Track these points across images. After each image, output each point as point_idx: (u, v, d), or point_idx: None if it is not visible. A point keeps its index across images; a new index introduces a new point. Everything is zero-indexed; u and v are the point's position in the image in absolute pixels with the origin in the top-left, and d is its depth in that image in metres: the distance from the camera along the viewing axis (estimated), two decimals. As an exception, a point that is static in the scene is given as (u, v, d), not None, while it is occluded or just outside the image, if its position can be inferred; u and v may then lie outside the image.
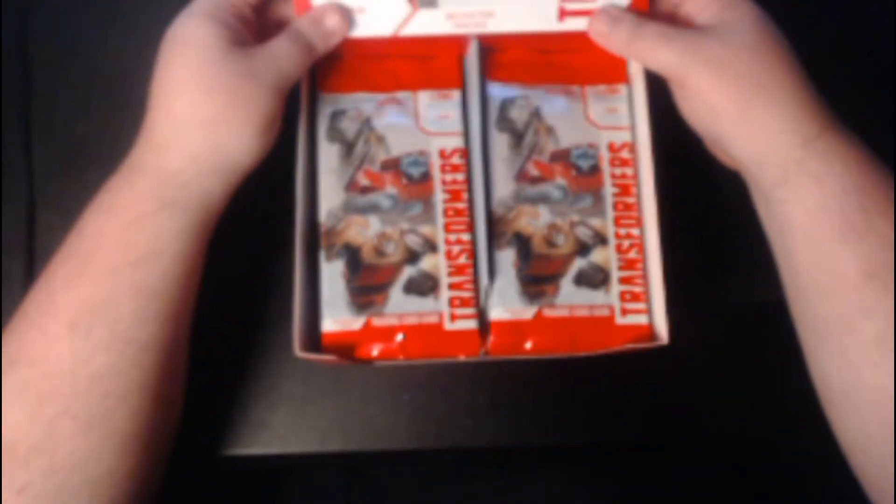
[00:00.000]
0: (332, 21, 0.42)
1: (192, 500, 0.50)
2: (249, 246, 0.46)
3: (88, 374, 0.36)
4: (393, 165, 0.43)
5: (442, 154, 0.43)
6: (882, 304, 0.35)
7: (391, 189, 0.43)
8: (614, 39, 0.42)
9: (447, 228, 0.42)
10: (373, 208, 0.43)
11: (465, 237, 0.42)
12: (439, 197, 0.43)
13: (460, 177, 0.43)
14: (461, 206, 0.43)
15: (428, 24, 0.43)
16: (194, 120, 0.38)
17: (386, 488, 0.57)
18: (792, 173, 0.37)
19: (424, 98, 0.44)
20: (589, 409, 0.47)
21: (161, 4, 0.50)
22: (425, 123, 0.44)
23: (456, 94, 0.44)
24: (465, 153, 0.43)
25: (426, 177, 0.43)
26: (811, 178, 0.37)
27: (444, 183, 0.43)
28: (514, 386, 0.46)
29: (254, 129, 0.39)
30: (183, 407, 0.42)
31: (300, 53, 0.40)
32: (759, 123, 0.38)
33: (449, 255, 0.42)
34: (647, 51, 0.41)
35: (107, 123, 0.49)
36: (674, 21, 0.42)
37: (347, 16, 0.42)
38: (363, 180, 0.43)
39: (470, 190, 0.43)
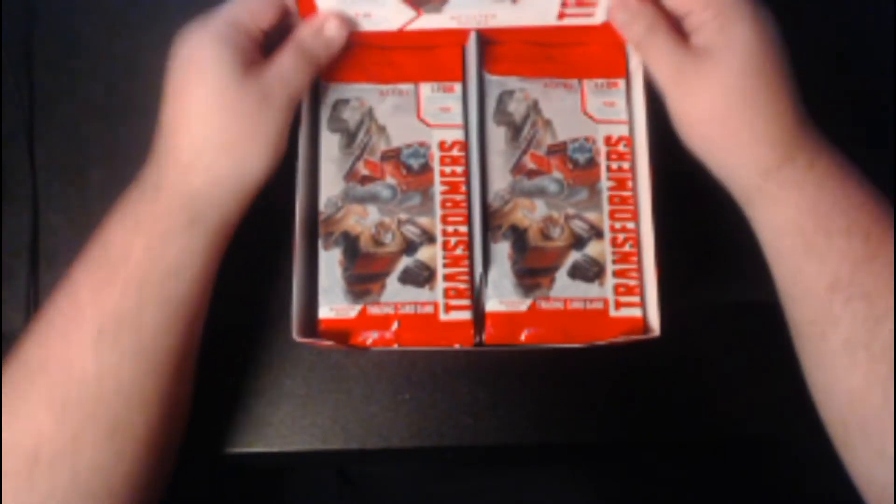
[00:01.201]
0: (332, 29, 0.42)
1: (193, 498, 0.51)
2: (251, 238, 0.46)
3: (113, 381, 0.37)
4: (393, 156, 0.44)
5: (442, 146, 0.44)
6: (847, 311, 0.37)
7: (391, 179, 0.43)
8: (629, 33, 0.43)
9: (444, 220, 0.43)
10: (372, 198, 0.43)
11: (462, 229, 0.43)
12: (438, 188, 0.43)
13: (459, 169, 0.43)
14: (459, 198, 0.43)
15: (431, 23, 0.43)
16: (217, 144, 0.39)
17: (384, 487, 0.58)
18: (754, 198, 0.40)
19: (426, 90, 0.45)
20: (589, 407, 0.47)
21: (163, 7, 0.51)
22: (426, 115, 0.44)
23: (458, 87, 0.45)
24: (465, 146, 0.44)
25: (426, 168, 0.44)
26: (770, 202, 0.39)
27: (443, 175, 0.43)
28: (513, 384, 0.47)
29: (269, 148, 0.40)
30: (191, 410, 0.43)
31: (307, 66, 0.41)
32: (724, 153, 0.40)
33: (446, 247, 0.43)
34: (648, 59, 0.42)
35: (109, 124, 0.50)
36: (680, 29, 0.42)
37: (347, 22, 0.42)
38: (363, 170, 0.43)
39: (468, 182, 0.43)
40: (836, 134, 0.51)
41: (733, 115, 0.39)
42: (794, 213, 0.38)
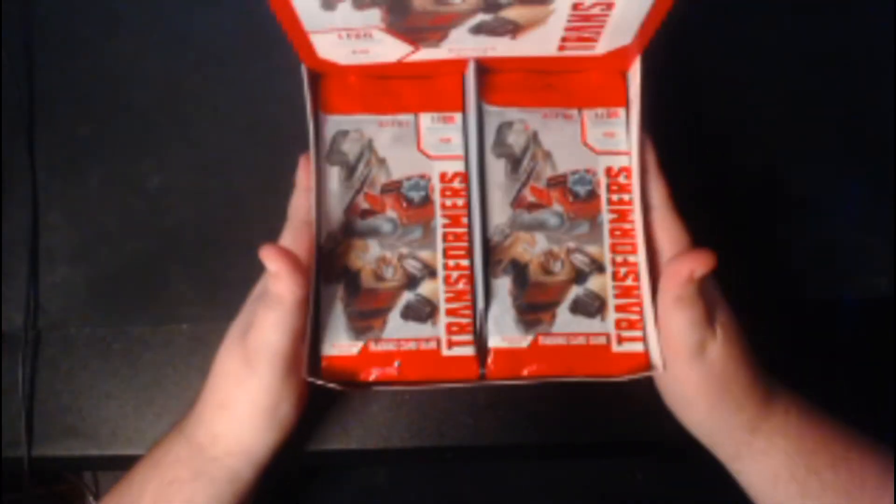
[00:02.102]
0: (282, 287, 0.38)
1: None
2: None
3: None
4: (393, 189, 0.43)
5: (442, 178, 0.43)
6: None
7: (391, 213, 0.43)
8: (664, 294, 0.40)
9: (446, 254, 0.43)
10: (372, 232, 0.43)
11: (464, 263, 0.43)
12: (439, 221, 0.43)
13: (460, 201, 0.43)
14: (460, 231, 0.43)
15: (429, 56, 0.43)
16: (226, 417, 0.41)
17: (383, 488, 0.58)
18: (743, 453, 0.41)
19: (426, 120, 0.44)
20: (589, 407, 0.47)
21: (162, 6, 0.50)
22: (426, 146, 0.44)
23: (458, 118, 0.44)
24: (466, 177, 0.43)
25: (426, 201, 0.43)
26: (760, 453, 0.41)
27: (444, 207, 0.43)
28: (513, 385, 0.47)
29: (266, 416, 0.41)
30: None
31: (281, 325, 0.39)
32: (713, 422, 0.42)
33: (448, 281, 0.42)
34: (674, 323, 0.40)
35: (108, 124, 0.51)
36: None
37: (297, 269, 0.38)
38: (363, 204, 0.43)
39: (469, 215, 0.43)
40: (836, 138, 0.51)
41: (727, 395, 0.41)
42: (784, 458, 0.40)
